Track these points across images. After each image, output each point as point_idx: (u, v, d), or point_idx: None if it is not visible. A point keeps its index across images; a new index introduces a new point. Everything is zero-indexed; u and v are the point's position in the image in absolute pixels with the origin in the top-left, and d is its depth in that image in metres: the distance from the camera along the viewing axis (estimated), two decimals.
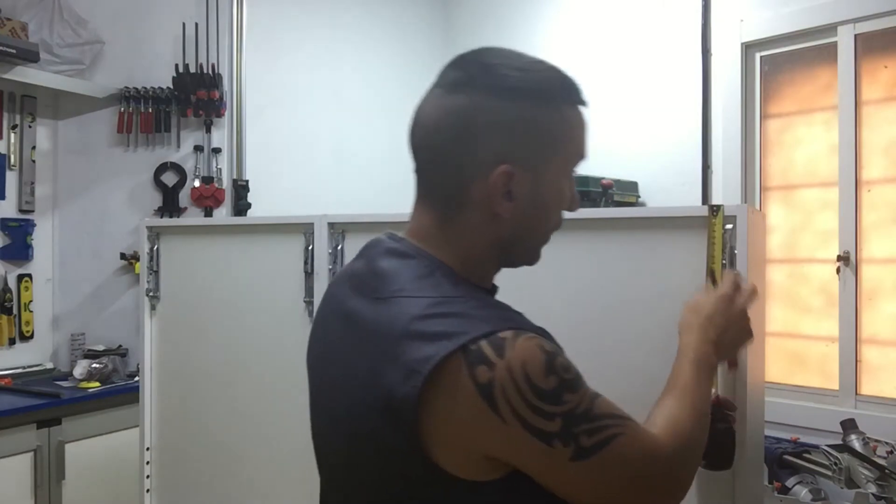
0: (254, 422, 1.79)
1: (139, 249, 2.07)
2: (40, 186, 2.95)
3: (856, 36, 2.57)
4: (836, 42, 2.62)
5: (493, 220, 0.87)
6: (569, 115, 0.88)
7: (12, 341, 2.84)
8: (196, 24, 3.01)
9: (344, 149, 3.43)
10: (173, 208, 3.00)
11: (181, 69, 2.95)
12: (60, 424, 2.48)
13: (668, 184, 2.97)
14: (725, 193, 2.83)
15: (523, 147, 0.85)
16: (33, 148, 2.92)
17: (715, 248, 1.08)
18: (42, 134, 2.97)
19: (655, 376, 1.01)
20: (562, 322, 1.26)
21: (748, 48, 2.83)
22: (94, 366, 2.70)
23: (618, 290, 1.22)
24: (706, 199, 2.87)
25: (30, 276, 2.90)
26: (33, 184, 2.92)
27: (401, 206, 1.07)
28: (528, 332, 0.79)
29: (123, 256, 2.96)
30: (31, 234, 2.90)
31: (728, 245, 1.08)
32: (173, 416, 1.99)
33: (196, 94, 2.96)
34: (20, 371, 2.83)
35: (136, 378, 2.54)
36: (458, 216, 0.87)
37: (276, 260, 1.73)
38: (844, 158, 2.59)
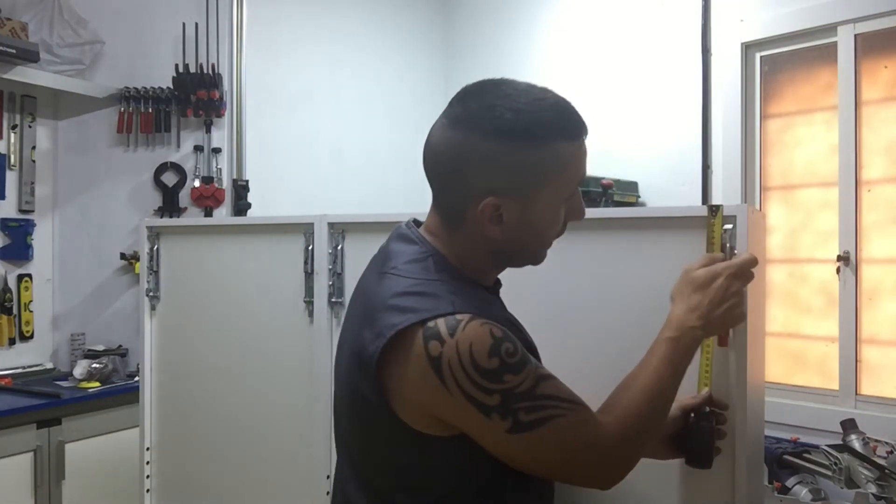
0: (254, 422, 1.79)
1: (139, 249, 2.07)
2: (40, 186, 2.95)
3: (856, 36, 2.58)
4: (836, 42, 2.62)
5: (487, 236, 0.97)
6: (561, 150, 0.95)
7: (12, 341, 2.84)
8: (196, 25, 3.00)
9: (344, 149, 3.43)
10: (173, 208, 3.00)
11: (181, 69, 2.96)
12: (60, 424, 2.48)
13: (668, 184, 2.97)
14: (725, 193, 2.82)
15: (511, 182, 0.94)
16: (33, 148, 2.93)
17: (714, 248, 1.08)
18: (42, 134, 2.97)
19: None
20: (562, 321, 1.27)
21: (748, 48, 2.83)
22: (94, 366, 2.70)
23: (618, 290, 1.22)
24: (706, 199, 2.87)
25: (30, 276, 2.90)
26: (33, 184, 2.92)
27: (401, 206, 1.09)
28: (484, 319, 0.90)
29: (123, 256, 2.97)
30: (31, 234, 2.90)
31: (728, 245, 1.08)
32: (173, 416, 1.99)
33: (196, 94, 2.96)
34: (20, 371, 2.83)
35: (136, 378, 2.55)
36: (459, 227, 0.99)
37: (276, 260, 1.73)
38: (844, 158, 2.59)
